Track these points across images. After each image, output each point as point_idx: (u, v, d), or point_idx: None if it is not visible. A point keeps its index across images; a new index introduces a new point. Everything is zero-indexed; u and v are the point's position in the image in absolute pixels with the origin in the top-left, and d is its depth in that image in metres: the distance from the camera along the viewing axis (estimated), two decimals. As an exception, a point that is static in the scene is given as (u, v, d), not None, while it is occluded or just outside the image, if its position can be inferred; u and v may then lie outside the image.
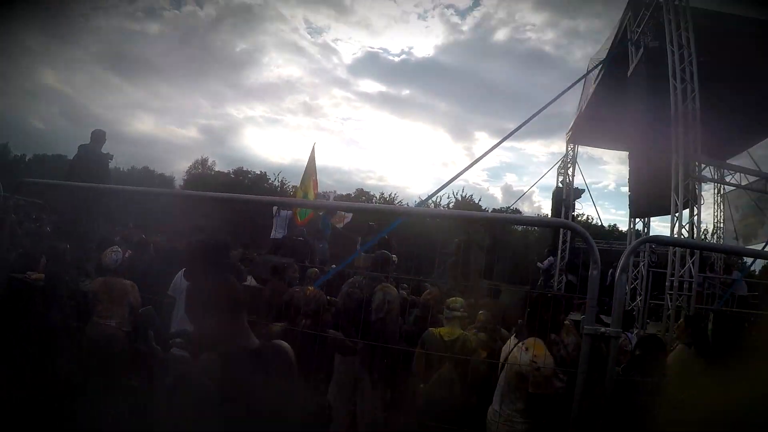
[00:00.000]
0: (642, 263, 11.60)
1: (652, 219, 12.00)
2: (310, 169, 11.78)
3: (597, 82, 13.78)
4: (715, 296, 10.03)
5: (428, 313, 5.93)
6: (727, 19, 10.26)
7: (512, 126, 62.05)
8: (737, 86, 10.21)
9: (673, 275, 9.18)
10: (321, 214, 11.95)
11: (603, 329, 2.78)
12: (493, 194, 73.89)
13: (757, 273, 14.50)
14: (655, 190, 9.73)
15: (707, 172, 9.79)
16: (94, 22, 48.04)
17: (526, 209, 40.04)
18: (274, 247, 11.58)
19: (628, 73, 11.08)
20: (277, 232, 11.97)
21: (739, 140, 13.42)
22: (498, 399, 4.17)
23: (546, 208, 57.48)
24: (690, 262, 8.98)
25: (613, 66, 12.14)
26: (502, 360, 4.30)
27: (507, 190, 65.25)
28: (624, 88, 11.83)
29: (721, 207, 16.96)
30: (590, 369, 2.82)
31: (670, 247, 9.43)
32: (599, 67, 12.95)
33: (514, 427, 3.99)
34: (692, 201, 9.14)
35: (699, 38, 9.63)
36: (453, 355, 4.75)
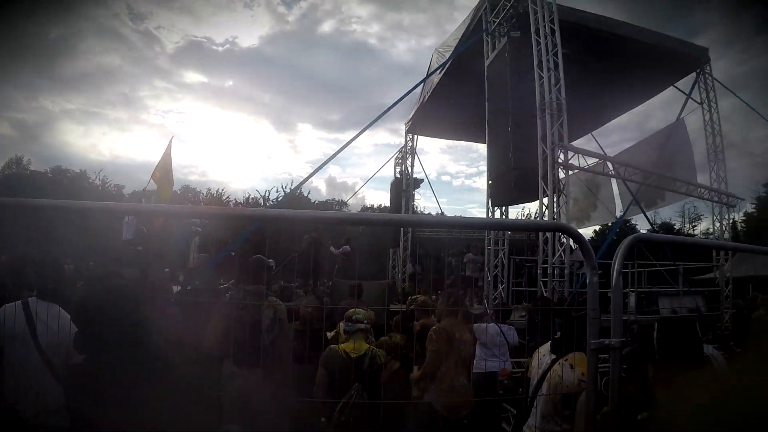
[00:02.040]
0: (502, 252, 11.82)
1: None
2: (167, 166, 10.55)
3: (443, 73, 13.77)
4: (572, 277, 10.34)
5: (307, 326, 5.45)
6: (585, 15, 10.85)
7: (336, 118, 62.76)
8: (585, 76, 10.68)
9: (545, 261, 9.38)
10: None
11: (608, 341, 2.52)
12: (317, 186, 74.14)
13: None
14: (520, 178, 9.85)
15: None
16: None
17: (351, 201, 40.46)
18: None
19: (486, 63, 11.12)
20: (127, 235, 10.67)
21: (581, 126, 14.30)
22: (538, 418, 3.75)
23: (370, 198, 58.99)
24: (561, 249, 9.21)
25: (463, 57, 12.17)
26: (539, 376, 3.84)
27: (331, 182, 66.12)
28: (474, 79, 11.97)
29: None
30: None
31: (540, 234, 9.56)
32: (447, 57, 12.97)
33: None
34: (559, 188, 9.37)
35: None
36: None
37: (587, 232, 17.49)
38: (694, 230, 35.60)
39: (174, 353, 3.35)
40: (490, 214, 11.70)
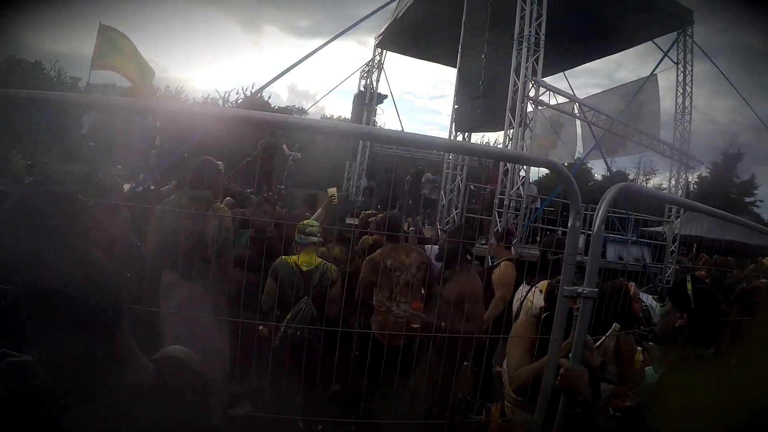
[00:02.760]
0: (459, 177, 11.82)
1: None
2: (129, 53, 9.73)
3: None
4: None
5: (264, 234, 5.18)
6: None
7: (305, 23, 60.61)
8: (567, 15, 10.41)
9: (503, 192, 9.41)
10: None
11: (580, 289, 2.34)
12: (277, 92, 72.16)
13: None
14: (487, 107, 9.74)
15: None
16: None
17: (311, 109, 39.42)
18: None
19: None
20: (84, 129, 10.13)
21: (553, 63, 13.98)
22: None
23: (331, 109, 58.06)
24: (519, 182, 9.26)
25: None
26: (516, 309, 3.82)
27: (292, 88, 64.47)
28: (452, 1, 11.55)
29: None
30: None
31: (501, 163, 9.59)
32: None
33: None
34: (525, 122, 9.34)
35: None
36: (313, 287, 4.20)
37: (542, 169, 17.75)
38: (647, 183, 36.49)
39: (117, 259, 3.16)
40: (452, 137, 11.64)
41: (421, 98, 72.22)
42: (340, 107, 60.98)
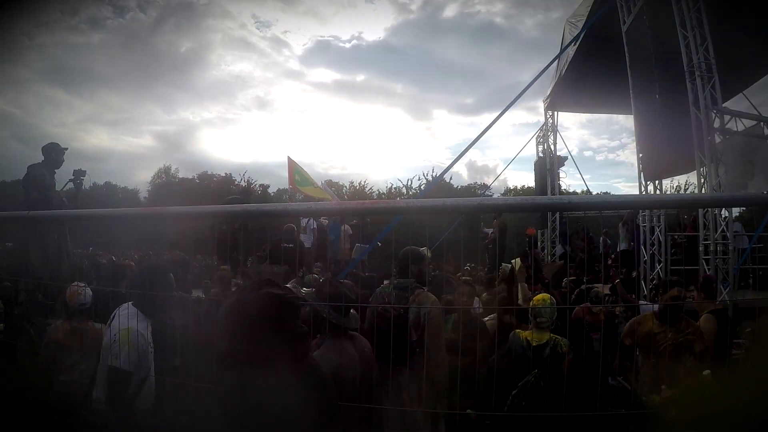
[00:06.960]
0: (658, 228, 11.00)
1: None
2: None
3: (578, 44, 13.08)
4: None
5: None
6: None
7: (470, 101, 62.16)
8: (732, 28, 9.64)
9: (707, 238, 8.67)
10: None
11: None
12: (458, 171, 74.16)
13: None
14: (672, 149, 9.19)
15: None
16: (37, 39, 45.52)
17: (494, 184, 39.43)
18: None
19: (624, 29, 10.47)
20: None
21: (729, 86, 12.85)
22: None
23: (513, 180, 57.68)
24: (723, 224, 8.49)
25: (598, 25, 11.46)
26: None
27: (471, 166, 65.58)
28: (612, 47, 11.27)
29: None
30: None
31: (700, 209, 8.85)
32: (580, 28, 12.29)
33: None
34: (717, 156, 8.62)
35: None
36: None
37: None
38: None
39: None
40: (643, 188, 11.06)
41: (601, 152, 69.40)
42: (521, 177, 60.61)
